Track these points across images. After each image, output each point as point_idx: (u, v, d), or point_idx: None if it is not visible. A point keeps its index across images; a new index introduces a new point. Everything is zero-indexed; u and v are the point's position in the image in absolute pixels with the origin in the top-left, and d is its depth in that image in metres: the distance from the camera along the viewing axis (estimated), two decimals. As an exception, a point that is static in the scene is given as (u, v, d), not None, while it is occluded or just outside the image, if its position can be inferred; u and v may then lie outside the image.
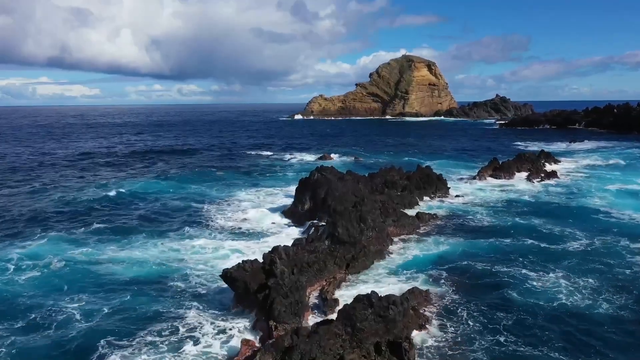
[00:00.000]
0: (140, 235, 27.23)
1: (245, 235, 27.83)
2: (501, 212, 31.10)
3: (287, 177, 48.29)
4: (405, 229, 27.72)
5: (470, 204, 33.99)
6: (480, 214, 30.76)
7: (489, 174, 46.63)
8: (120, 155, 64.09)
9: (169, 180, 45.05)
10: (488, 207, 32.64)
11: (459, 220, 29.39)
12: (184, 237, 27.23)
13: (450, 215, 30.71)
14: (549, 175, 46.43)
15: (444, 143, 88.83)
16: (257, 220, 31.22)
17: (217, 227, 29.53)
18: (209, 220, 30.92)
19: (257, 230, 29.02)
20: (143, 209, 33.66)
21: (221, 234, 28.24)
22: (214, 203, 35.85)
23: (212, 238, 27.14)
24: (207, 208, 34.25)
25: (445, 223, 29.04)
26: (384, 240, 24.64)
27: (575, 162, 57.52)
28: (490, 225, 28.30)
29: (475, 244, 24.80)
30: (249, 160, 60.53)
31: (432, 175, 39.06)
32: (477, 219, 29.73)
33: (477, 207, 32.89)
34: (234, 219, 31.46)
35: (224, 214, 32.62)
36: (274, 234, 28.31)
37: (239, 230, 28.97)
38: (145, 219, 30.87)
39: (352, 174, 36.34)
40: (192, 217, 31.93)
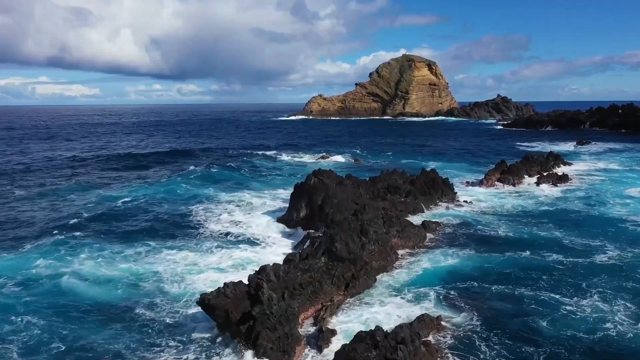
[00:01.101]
0: (115, 246, 24.51)
1: (234, 245, 25.15)
2: (516, 221, 28.31)
3: (284, 179, 45.65)
4: (411, 240, 25.01)
5: (480, 211, 31.24)
6: (492, 223, 27.99)
7: (497, 178, 43.94)
8: (108, 158, 60.54)
9: (158, 184, 42.23)
10: (501, 215, 29.86)
11: (470, 230, 26.65)
12: (165, 247, 24.50)
13: (459, 224, 27.98)
14: (561, 179, 43.73)
15: (446, 144, 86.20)
16: (249, 227, 28.58)
17: (204, 235, 26.87)
18: (196, 227, 28.29)
19: (248, 238, 26.39)
20: (125, 215, 30.90)
21: (208, 242, 25.59)
22: (204, 207, 33.21)
23: (197, 249, 24.42)
24: (196, 212, 31.66)
25: (455, 233, 26.31)
26: (388, 254, 21.93)
27: (586, 165, 54.88)
28: (504, 236, 25.54)
29: (489, 258, 22.09)
30: (245, 161, 57.67)
31: (437, 179, 36.35)
32: (490, 228, 26.97)
33: (489, 215, 30.12)
34: (223, 226, 28.80)
35: (214, 220, 29.97)
36: (266, 244, 25.65)
37: (229, 239, 26.31)
38: (125, 227, 28.11)
39: (352, 178, 33.63)
40: (179, 223, 29.26)
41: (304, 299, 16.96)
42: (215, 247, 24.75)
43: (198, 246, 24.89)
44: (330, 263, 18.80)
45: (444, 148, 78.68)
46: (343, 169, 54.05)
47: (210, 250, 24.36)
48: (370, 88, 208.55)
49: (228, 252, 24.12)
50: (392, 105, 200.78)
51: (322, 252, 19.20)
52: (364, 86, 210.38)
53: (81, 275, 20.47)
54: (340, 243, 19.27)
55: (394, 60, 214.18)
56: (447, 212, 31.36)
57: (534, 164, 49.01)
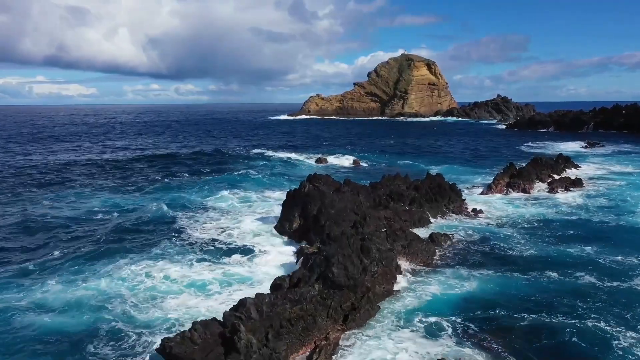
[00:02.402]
0: (87, 260, 21.38)
1: (221, 257, 22.22)
2: (537, 234, 25.04)
3: (279, 182, 42.48)
4: (418, 256, 21.90)
5: (494, 221, 28.00)
6: (510, 237, 24.77)
7: (506, 182, 40.87)
8: (89, 162, 55.55)
9: (141, 189, 38.97)
10: (517, 227, 26.64)
11: (485, 245, 23.47)
12: (143, 259, 21.51)
13: (472, 238, 24.81)
14: (574, 183, 40.67)
15: (448, 145, 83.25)
16: (238, 236, 25.57)
17: (188, 245, 23.84)
18: (180, 236, 25.22)
19: (237, 248, 23.39)
20: (102, 225, 27.69)
21: (191, 253, 22.57)
22: (190, 213, 30.19)
23: (179, 261, 21.46)
24: (181, 219, 28.63)
25: (468, 248, 23.17)
26: (393, 276, 18.82)
27: (595, 167, 51.87)
28: (526, 252, 22.34)
29: (512, 280, 18.98)
30: (239, 163, 54.33)
31: (444, 184, 33.25)
32: (507, 243, 23.76)
33: (504, 226, 26.89)
34: (210, 234, 25.82)
35: (200, 228, 26.97)
36: (256, 256, 22.58)
37: (215, 249, 23.35)
38: (101, 238, 24.85)
39: (351, 183, 30.52)
40: (162, 232, 26.18)
41: (294, 338, 13.86)
42: (199, 260, 21.84)
43: (180, 258, 21.93)
44: (325, 291, 15.67)
45: (445, 149, 75.76)
46: (340, 172, 50.98)
47: (192, 264, 21.42)
48: (369, 88, 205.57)
49: (213, 265, 21.27)
50: (390, 105, 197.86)
51: (317, 277, 16.07)
52: (362, 86, 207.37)
53: (38, 300, 17.37)
54: (337, 267, 16.14)
55: (392, 59, 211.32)
56: (456, 222, 28.21)
57: (544, 167, 46.05)
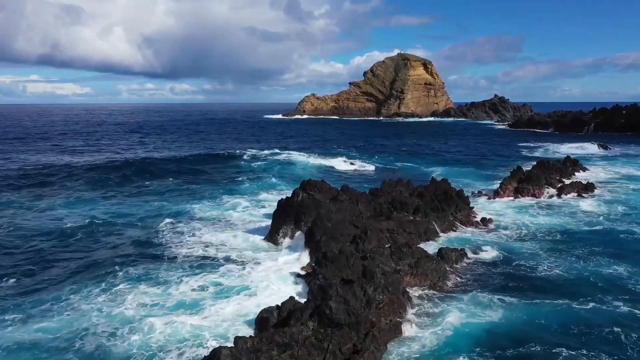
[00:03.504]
0: (53, 285, 18.49)
1: (208, 273, 19.53)
2: (560, 249, 22.24)
3: (274, 186, 39.62)
4: (428, 277, 19.17)
5: (509, 233, 25.24)
6: (531, 253, 21.95)
7: (514, 187, 38.26)
8: (65, 167, 49.53)
9: (120, 198, 35.68)
10: (537, 240, 23.83)
11: (503, 264, 20.69)
12: (119, 281, 18.62)
13: (486, 254, 22.01)
14: (587, 188, 38.13)
15: (447, 145, 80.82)
16: (228, 251, 22.75)
17: (169, 266, 20.72)
18: (161, 254, 22.18)
19: (221, 267, 20.40)
20: (75, 240, 24.44)
21: (170, 273, 19.65)
22: (176, 225, 27.23)
23: (161, 282, 18.66)
24: (166, 232, 25.73)
25: (483, 267, 20.43)
26: (401, 304, 16.09)
27: (606, 170, 49.42)
28: (552, 272, 19.54)
29: (541, 308, 16.22)
30: (231, 166, 50.91)
31: (450, 190, 30.57)
32: (529, 260, 20.96)
33: (522, 239, 24.09)
34: (196, 249, 22.90)
35: (184, 242, 23.95)
36: (243, 275, 19.64)
37: (203, 264, 20.57)
38: (72, 257, 21.87)
39: (349, 190, 27.74)
40: (142, 247, 23.22)
41: (282, 394, 11.14)
42: (184, 277, 19.07)
43: (154, 280, 19.00)
44: (321, 330, 12.93)
45: (445, 150, 73.28)
46: (338, 175, 48.28)
47: (176, 282, 18.61)
48: (365, 87, 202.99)
49: (200, 284, 18.58)
50: (387, 105, 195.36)
51: (311, 312, 13.32)
52: (358, 85, 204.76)
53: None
54: (336, 300, 13.38)
55: (389, 59, 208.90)
56: (467, 235, 25.51)
57: (552, 171, 43.52)
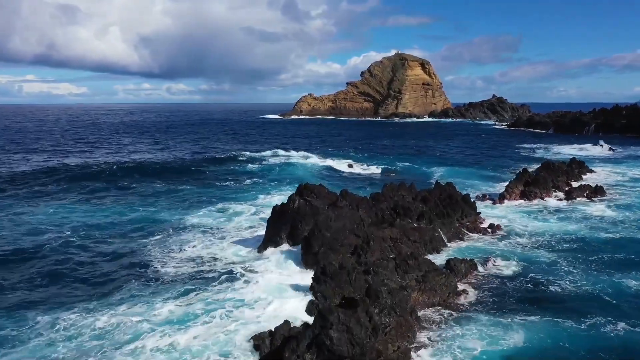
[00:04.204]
0: (13, 313, 16.18)
1: (189, 297, 17.10)
2: (580, 259, 20.40)
3: (273, 190, 37.68)
4: (437, 293, 17.38)
5: (520, 242, 23.49)
6: (548, 263, 20.08)
7: (520, 191, 36.55)
8: (45, 170, 46.20)
9: (101, 205, 32.91)
10: (553, 249, 21.96)
11: (519, 277, 18.79)
12: (93, 308, 16.23)
13: (500, 265, 20.19)
14: (596, 192, 36.45)
15: (447, 146, 79.35)
16: (217, 266, 20.59)
17: (151, 284, 18.57)
18: (146, 270, 20.00)
19: (211, 283, 18.32)
20: (45, 255, 22.00)
21: (155, 291, 17.57)
22: (163, 236, 24.89)
23: (138, 303, 16.50)
24: (151, 246, 23.37)
25: (498, 281, 18.60)
26: (410, 327, 14.29)
27: (612, 173, 47.89)
28: (574, 286, 17.64)
29: (566, 329, 14.41)
30: (225, 169, 48.39)
31: (455, 195, 28.82)
32: (547, 272, 19.04)
33: (537, 248, 22.26)
34: (184, 265, 20.74)
35: (173, 256, 21.73)
36: (234, 292, 17.51)
37: (185, 286, 18.22)
38: (40, 276, 19.45)
39: (349, 195, 25.91)
40: (123, 264, 20.90)
41: None
42: (172, 295, 16.90)
43: (146, 297, 16.89)
44: (320, 364, 11.15)
45: (445, 151, 71.75)
46: (337, 176, 46.54)
47: (161, 301, 16.42)
48: (362, 87, 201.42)
49: (186, 303, 16.35)
50: (384, 105, 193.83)
51: (308, 342, 11.52)
52: (355, 85, 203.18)
53: None
54: (337, 330, 11.58)
55: (386, 59, 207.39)
56: (476, 243, 23.76)
57: (558, 173, 41.87)
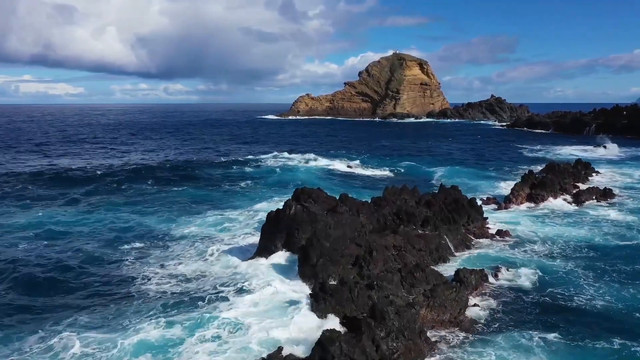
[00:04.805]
0: None
1: (173, 321, 14.68)
2: (598, 269, 18.89)
3: (265, 194, 35.96)
4: (447, 310, 15.80)
5: (532, 249, 21.94)
6: (565, 273, 18.56)
7: (527, 194, 35.03)
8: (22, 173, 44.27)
9: (77, 210, 30.74)
10: (568, 258, 20.37)
11: (534, 290, 17.20)
12: (57, 331, 14.22)
13: (513, 277, 18.65)
14: (606, 195, 35.01)
15: (447, 146, 78.19)
16: (204, 280, 18.69)
17: (129, 304, 16.41)
18: (121, 286, 18.11)
19: (198, 301, 16.27)
20: (14, 265, 20.27)
21: (131, 315, 15.41)
22: (146, 247, 22.95)
23: (111, 331, 14.48)
24: (131, 257, 21.44)
25: (510, 294, 17.09)
26: (419, 352, 12.74)
27: (619, 174, 46.55)
28: (597, 300, 16.11)
29: (594, 351, 12.91)
30: (221, 172, 45.93)
31: (461, 199, 27.29)
32: (566, 284, 17.44)
33: (549, 257, 20.68)
34: (165, 279, 18.84)
35: (156, 272, 19.61)
36: (224, 311, 15.59)
37: (168, 307, 15.89)
38: (5, 291, 18.05)
39: (349, 200, 24.30)
40: (98, 280, 18.85)
41: None
42: (153, 321, 14.55)
43: (121, 321, 14.88)
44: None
45: (446, 151, 70.49)
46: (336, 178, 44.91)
47: (134, 340, 13.57)
48: (360, 87, 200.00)
49: (169, 336, 13.95)
50: (382, 105, 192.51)
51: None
52: (353, 85, 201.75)
53: None
54: (341, 357, 10.05)
55: (384, 58, 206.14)
56: (486, 251, 22.19)
57: (565, 175, 40.43)
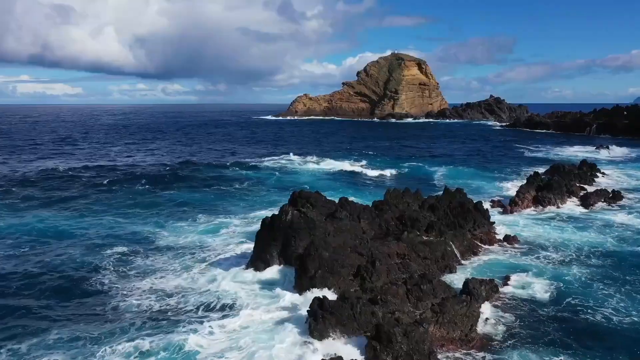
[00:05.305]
0: None
1: (149, 348, 13.13)
2: (618, 279, 17.60)
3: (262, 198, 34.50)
4: (458, 326, 14.49)
5: (544, 256, 20.57)
6: (580, 284, 17.28)
7: (533, 196, 33.76)
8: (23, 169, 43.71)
9: (56, 213, 29.13)
10: (581, 265, 19.04)
11: (550, 303, 15.88)
12: (18, 356, 12.77)
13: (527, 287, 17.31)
14: (615, 197, 33.81)
15: (448, 146, 77.14)
16: (189, 297, 16.85)
17: (102, 324, 14.66)
18: (95, 301, 16.35)
19: (180, 323, 14.74)
20: None
21: (103, 337, 13.68)
22: (128, 256, 21.16)
23: (74, 350, 13.02)
24: (111, 267, 19.67)
25: (524, 307, 15.77)
26: (429, 377, 11.50)
27: (625, 175, 45.49)
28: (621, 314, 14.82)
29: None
30: (217, 174, 44.32)
31: (467, 203, 25.99)
32: (583, 297, 16.14)
33: (563, 265, 19.32)
34: (144, 295, 16.99)
35: (134, 281, 18.12)
36: (212, 334, 14.24)
37: (144, 329, 14.31)
38: None
39: (349, 204, 22.96)
40: (72, 292, 17.22)
41: None
42: (126, 345, 13.07)
43: (88, 348, 13.11)
44: None
45: (446, 151, 69.47)
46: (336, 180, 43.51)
47: (109, 350, 12.65)
48: (358, 87, 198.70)
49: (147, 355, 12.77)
50: (380, 105, 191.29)
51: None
52: (351, 85, 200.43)
53: None
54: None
55: (382, 58, 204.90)
56: (493, 258, 20.91)
57: (571, 177, 39.26)
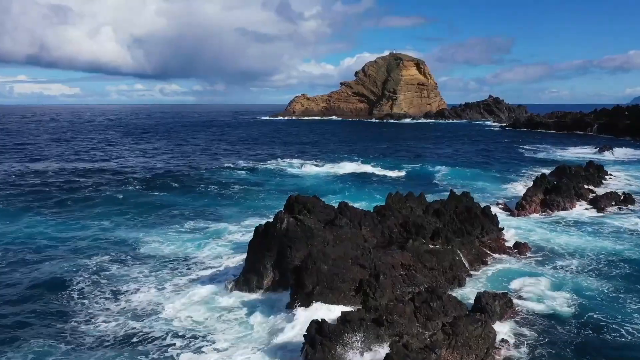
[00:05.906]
0: None
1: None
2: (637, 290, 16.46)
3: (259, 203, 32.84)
4: (472, 350, 12.96)
5: (559, 266, 19.08)
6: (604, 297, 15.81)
7: (540, 200, 32.29)
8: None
9: (37, 217, 27.53)
10: (602, 276, 17.51)
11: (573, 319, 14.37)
12: None
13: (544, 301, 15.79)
14: (626, 200, 32.39)
15: (448, 146, 75.83)
16: (159, 322, 14.72)
17: (59, 351, 12.83)
18: (56, 322, 14.56)
19: (147, 354, 12.93)
20: None
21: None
22: (107, 265, 19.54)
23: None
24: (87, 278, 17.95)
25: (543, 323, 14.25)
26: (444, 414, 9.99)
27: (632, 177, 44.16)
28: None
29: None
30: (211, 178, 42.46)
31: (474, 208, 24.51)
32: (610, 313, 14.58)
33: (582, 275, 17.83)
34: (113, 316, 15.08)
35: (105, 299, 16.28)
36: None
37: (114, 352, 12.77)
38: None
39: (349, 210, 21.41)
40: (28, 304, 15.72)
41: None
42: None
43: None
44: None
45: (447, 152, 68.28)
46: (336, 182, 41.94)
47: None
48: (357, 87, 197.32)
49: None
50: (379, 105, 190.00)
51: None
52: (349, 85, 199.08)
53: None
54: None
55: (381, 58, 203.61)
56: (505, 268, 19.36)
57: (579, 179, 37.82)
